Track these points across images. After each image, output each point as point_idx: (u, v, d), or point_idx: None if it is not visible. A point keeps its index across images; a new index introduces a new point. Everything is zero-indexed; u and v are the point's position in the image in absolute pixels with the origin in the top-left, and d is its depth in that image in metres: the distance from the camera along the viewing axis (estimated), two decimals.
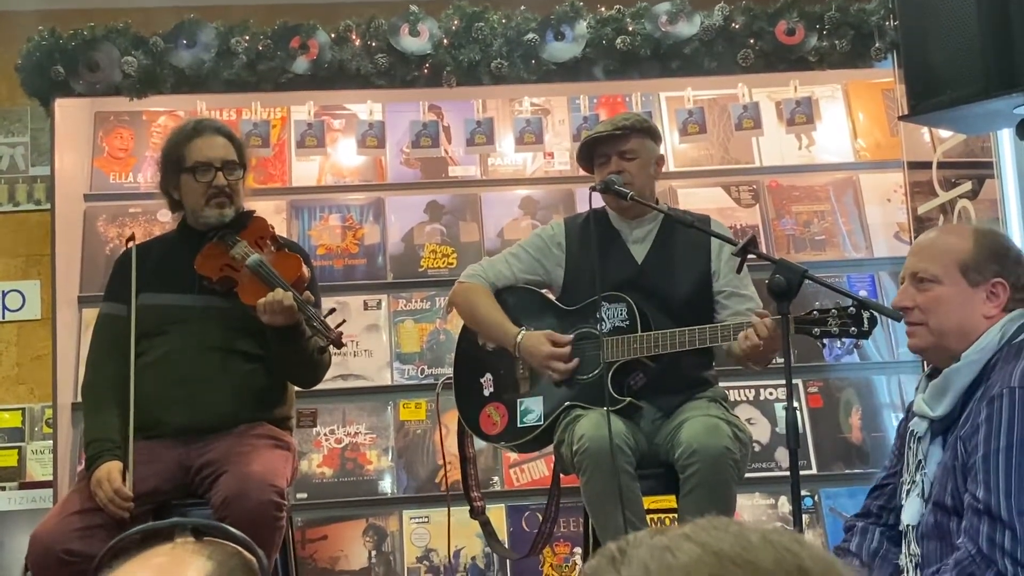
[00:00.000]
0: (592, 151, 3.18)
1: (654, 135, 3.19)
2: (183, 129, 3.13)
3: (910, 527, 2.22)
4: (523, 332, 3.10)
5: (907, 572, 2.22)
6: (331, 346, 2.93)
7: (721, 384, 3.21)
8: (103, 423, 2.92)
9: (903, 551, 2.26)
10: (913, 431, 2.28)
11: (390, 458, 4.15)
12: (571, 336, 3.06)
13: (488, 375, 3.20)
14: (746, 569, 0.70)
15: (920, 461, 2.23)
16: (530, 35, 4.07)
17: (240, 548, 1.08)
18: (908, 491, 2.26)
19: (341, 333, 2.91)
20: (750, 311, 2.97)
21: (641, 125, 3.16)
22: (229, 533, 1.09)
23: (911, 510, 2.23)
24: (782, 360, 2.61)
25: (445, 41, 4.08)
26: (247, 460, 2.82)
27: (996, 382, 2.09)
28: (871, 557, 2.36)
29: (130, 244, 3.10)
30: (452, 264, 4.32)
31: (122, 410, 2.90)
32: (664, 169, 3.33)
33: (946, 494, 2.12)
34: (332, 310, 2.99)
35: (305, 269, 3.02)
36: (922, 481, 2.21)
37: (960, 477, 2.09)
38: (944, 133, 3.92)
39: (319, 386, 3.24)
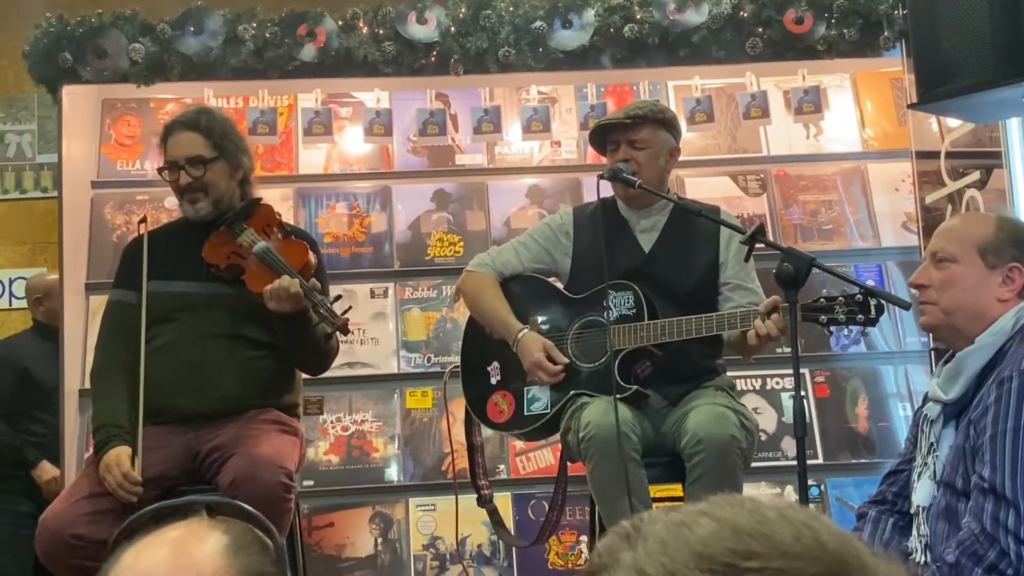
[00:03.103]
0: (605, 136, 3.17)
1: (670, 126, 3.15)
2: (162, 131, 3.14)
3: (921, 508, 2.24)
4: (525, 331, 3.09)
5: (916, 553, 2.24)
6: (338, 332, 2.94)
7: (728, 373, 3.21)
8: (111, 409, 2.93)
9: (913, 533, 2.28)
10: (926, 415, 2.29)
11: (396, 446, 4.15)
12: (566, 360, 3.05)
13: (495, 363, 3.20)
14: (764, 543, 0.70)
15: (932, 444, 2.25)
16: (537, 23, 4.06)
17: (252, 526, 1.09)
18: (920, 473, 2.28)
19: (347, 320, 2.91)
20: (752, 304, 2.97)
21: (656, 115, 3.12)
22: (242, 511, 1.10)
23: (922, 492, 2.25)
24: (789, 349, 2.61)
25: (452, 29, 4.08)
26: (255, 443, 2.84)
27: (1008, 365, 2.10)
28: (883, 548, 2.37)
29: (142, 227, 3.11)
30: (459, 252, 4.31)
31: (130, 396, 2.91)
32: None
33: (957, 476, 2.14)
34: (338, 296, 3.00)
35: (312, 256, 3.03)
36: (934, 464, 2.23)
37: (970, 460, 2.11)
38: (952, 123, 3.91)
39: (326, 374, 3.25)
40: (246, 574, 1.02)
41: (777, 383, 4.22)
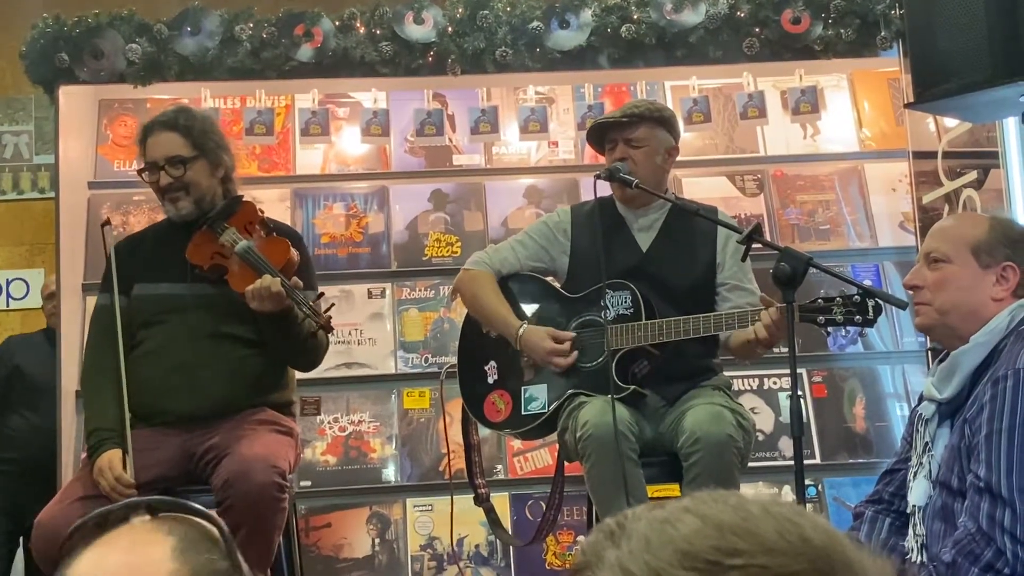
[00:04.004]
0: (603, 135, 3.17)
1: (668, 125, 3.15)
2: (140, 132, 3.12)
3: (917, 508, 2.24)
4: (524, 326, 3.09)
5: (913, 552, 2.23)
6: (320, 331, 2.93)
7: (725, 373, 3.20)
8: (103, 412, 2.93)
9: (909, 532, 2.27)
10: (921, 414, 2.29)
11: (394, 446, 4.15)
12: (572, 333, 3.06)
13: (492, 363, 3.20)
14: (748, 540, 0.70)
15: (927, 443, 2.25)
16: (535, 23, 4.06)
17: (199, 520, 1.07)
18: (915, 473, 2.28)
19: (330, 317, 2.91)
20: (750, 305, 2.97)
21: (652, 114, 3.12)
22: (185, 507, 1.08)
23: (918, 491, 2.25)
24: (786, 349, 2.60)
25: (449, 29, 4.07)
26: (248, 443, 2.83)
27: (1003, 364, 2.10)
28: (879, 548, 2.36)
29: (105, 231, 3.11)
30: (456, 253, 4.31)
31: (121, 399, 2.91)
32: None
33: (952, 475, 2.14)
34: (321, 294, 3.00)
35: (294, 253, 3.00)
36: (929, 463, 2.23)
37: (966, 459, 2.11)
38: (949, 122, 3.91)
39: (323, 374, 3.24)
40: (200, 574, 1.00)
41: (775, 383, 4.22)
